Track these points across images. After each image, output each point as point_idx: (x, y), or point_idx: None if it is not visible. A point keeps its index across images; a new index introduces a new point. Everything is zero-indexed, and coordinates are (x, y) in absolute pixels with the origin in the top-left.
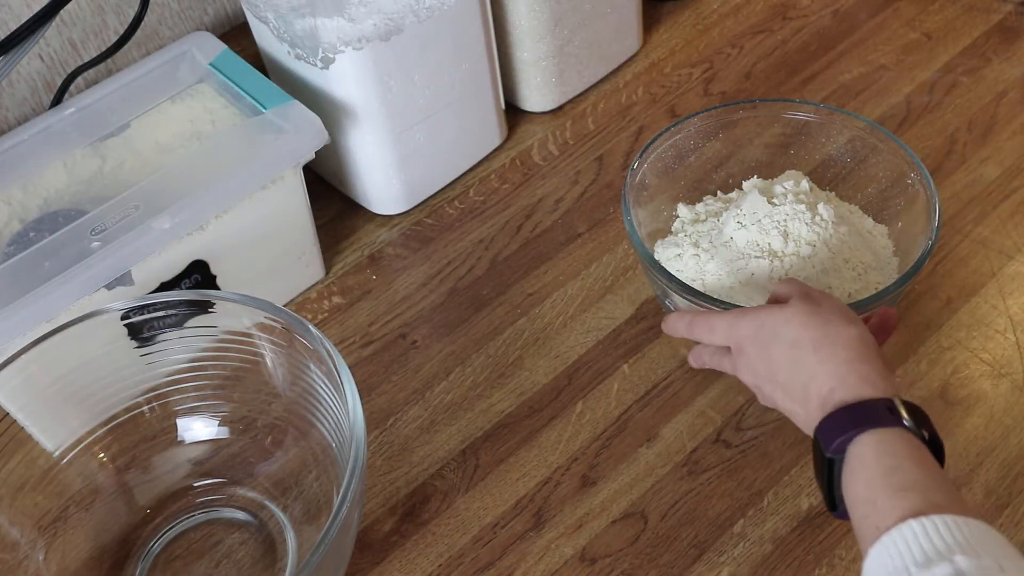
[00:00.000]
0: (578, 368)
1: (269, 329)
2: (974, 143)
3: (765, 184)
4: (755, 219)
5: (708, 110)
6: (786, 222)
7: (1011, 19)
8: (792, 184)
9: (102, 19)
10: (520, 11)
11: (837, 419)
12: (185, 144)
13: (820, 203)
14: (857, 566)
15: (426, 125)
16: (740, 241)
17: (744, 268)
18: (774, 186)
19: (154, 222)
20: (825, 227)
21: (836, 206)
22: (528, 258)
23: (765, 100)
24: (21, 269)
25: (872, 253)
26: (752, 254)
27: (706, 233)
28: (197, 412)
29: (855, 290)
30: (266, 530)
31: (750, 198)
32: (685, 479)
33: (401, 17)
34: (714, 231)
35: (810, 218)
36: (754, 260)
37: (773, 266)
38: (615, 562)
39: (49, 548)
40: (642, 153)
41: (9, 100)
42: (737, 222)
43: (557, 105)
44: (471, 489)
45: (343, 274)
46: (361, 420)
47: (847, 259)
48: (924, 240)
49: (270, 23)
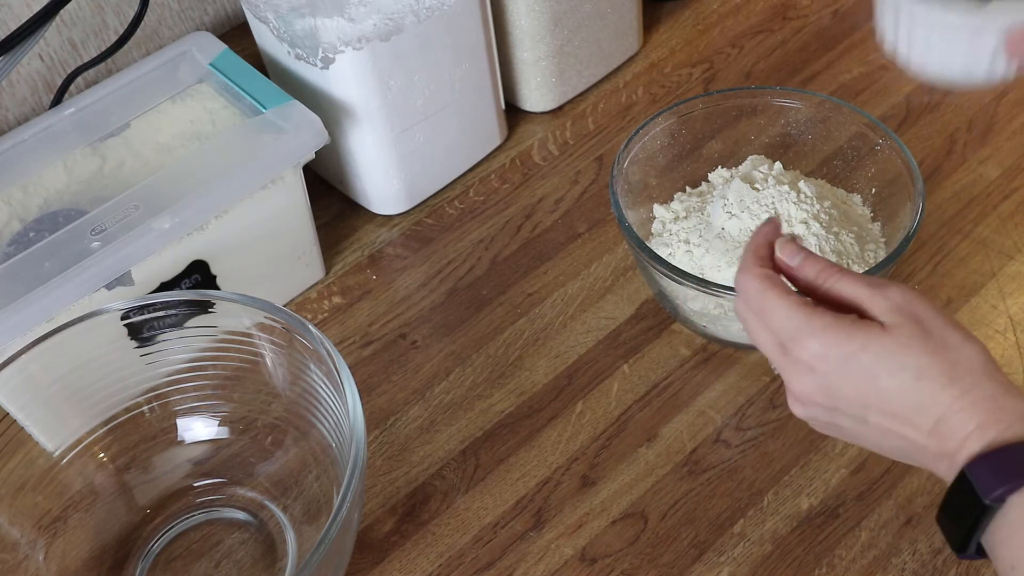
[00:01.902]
0: (578, 368)
1: (269, 329)
2: (974, 143)
3: (732, 172)
4: (743, 206)
5: (662, 112)
6: (774, 204)
7: None
8: (766, 168)
9: (102, 19)
10: (520, 11)
11: (999, 462)
12: (185, 144)
13: (800, 181)
14: (857, 566)
15: (426, 125)
16: (733, 230)
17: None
18: (753, 172)
19: (154, 222)
20: (811, 204)
21: (808, 182)
22: (528, 258)
23: (711, 93)
24: (21, 269)
25: (855, 223)
26: None
27: (693, 228)
28: (197, 412)
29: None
30: (266, 530)
31: (734, 186)
32: (685, 479)
33: (401, 17)
34: (702, 225)
35: (795, 197)
36: None
37: None
38: (615, 562)
39: (49, 548)
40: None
41: (9, 100)
42: (727, 212)
43: (557, 105)
44: (471, 489)
45: (343, 274)
46: (361, 420)
47: (837, 232)
48: (914, 198)
49: (270, 23)
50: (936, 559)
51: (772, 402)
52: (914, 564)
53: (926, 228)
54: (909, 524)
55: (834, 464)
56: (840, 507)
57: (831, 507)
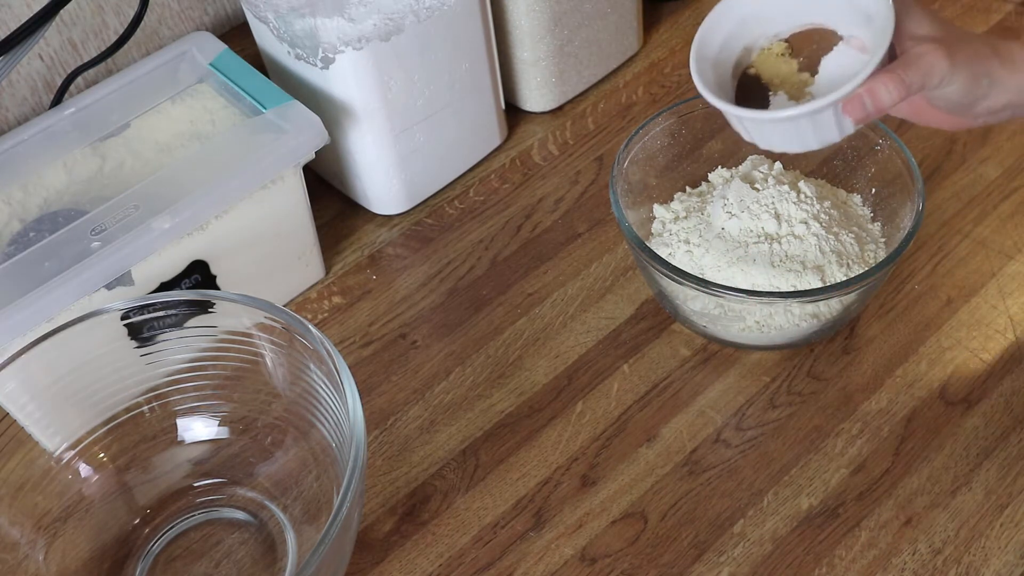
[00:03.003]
0: (578, 368)
1: (269, 329)
2: (974, 143)
3: (732, 172)
4: (743, 206)
5: (662, 112)
6: (775, 204)
7: (1011, 19)
8: (766, 168)
9: (102, 19)
10: (520, 11)
11: None
12: (185, 144)
13: (800, 181)
14: (857, 566)
15: (426, 125)
16: (734, 230)
17: (744, 256)
18: (753, 172)
19: (154, 222)
20: (811, 203)
21: (808, 182)
22: (528, 258)
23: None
24: (21, 269)
25: (855, 222)
26: (749, 241)
27: (693, 229)
28: (197, 412)
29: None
30: (266, 530)
31: (735, 186)
32: (685, 479)
33: (401, 17)
34: (702, 225)
35: (796, 197)
36: (753, 246)
37: (773, 248)
38: (615, 562)
39: (49, 548)
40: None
41: (9, 100)
42: (727, 212)
43: (557, 105)
44: (471, 489)
45: (343, 274)
46: (361, 420)
47: (837, 232)
48: (914, 198)
49: (270, 23)
50: (936, 559)
51: (772, 402)
52: (914, 564)
53: (926, 228)
54: (909, 524)
55: (834, 464)
56: (840, 507)
57: (831, 507)
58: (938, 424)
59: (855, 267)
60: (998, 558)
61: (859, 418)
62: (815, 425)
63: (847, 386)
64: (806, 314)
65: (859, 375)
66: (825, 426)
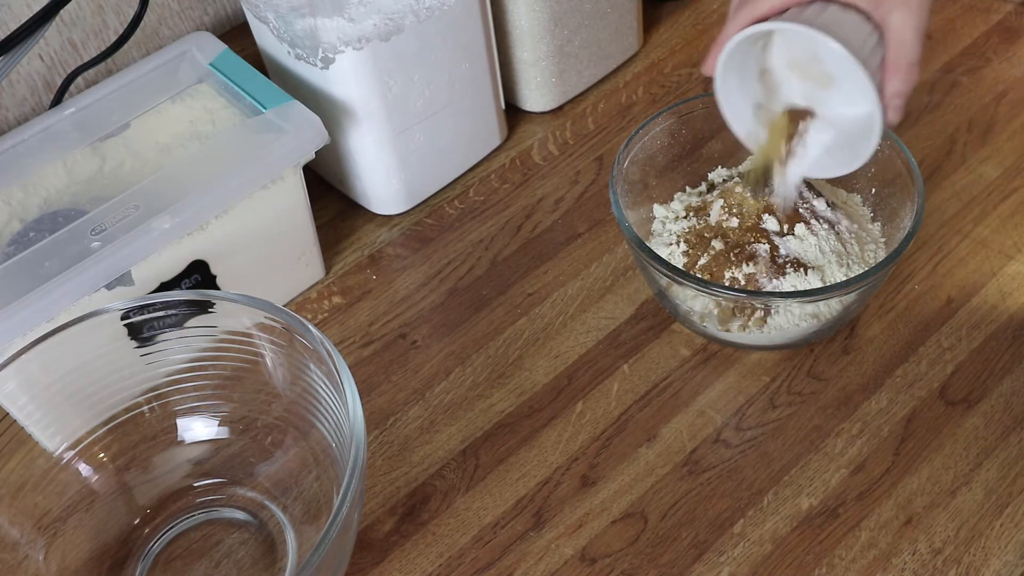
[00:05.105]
0: (578, 368)
1: (269, 329)
2: (974, 143)
3: (732, 172)
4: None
5: (662, 112)
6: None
7: (1011, 19)
8: None
9: (102, 19)
10: (520, 11)
11: None
12: (185, 144)
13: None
14: (857, 566)
15: (426, 125)
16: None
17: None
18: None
19: (154, 222)
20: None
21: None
22: (528, 258)
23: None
24: (21, 269)
25: (855, 222)
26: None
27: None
28: (197, 412)
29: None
30: (266, 530)
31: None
32: (685, 479)
33: (401, 17)
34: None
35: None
36: (753, 246)
37: (774, 247)
38: (615, 562)
39: (49, 548)
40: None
41: (9, 100)
42: (728, 212)
43: (557, 105)
44: (471, 489)
45: (343, 274)
46: (361, 420)
47: (838, 232)
48: (914, 198)
49: (270, 23)
50: (936, 559)
51: (772, 402)
52: (914, 564)
53: (926, 228)
54: (909, 524)
55: (834, 464)
56: (840, 507)
57: (831, 507)
58: (938, 424)
59: (855, 267)
60: (998, 558)
61: (859, 418)
62: (815, 425)
63: (847, 386)
64: (806, 314)
65: (859, 375)
66: (825, 426)
